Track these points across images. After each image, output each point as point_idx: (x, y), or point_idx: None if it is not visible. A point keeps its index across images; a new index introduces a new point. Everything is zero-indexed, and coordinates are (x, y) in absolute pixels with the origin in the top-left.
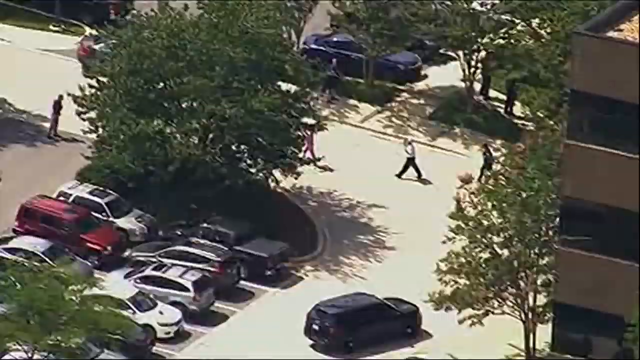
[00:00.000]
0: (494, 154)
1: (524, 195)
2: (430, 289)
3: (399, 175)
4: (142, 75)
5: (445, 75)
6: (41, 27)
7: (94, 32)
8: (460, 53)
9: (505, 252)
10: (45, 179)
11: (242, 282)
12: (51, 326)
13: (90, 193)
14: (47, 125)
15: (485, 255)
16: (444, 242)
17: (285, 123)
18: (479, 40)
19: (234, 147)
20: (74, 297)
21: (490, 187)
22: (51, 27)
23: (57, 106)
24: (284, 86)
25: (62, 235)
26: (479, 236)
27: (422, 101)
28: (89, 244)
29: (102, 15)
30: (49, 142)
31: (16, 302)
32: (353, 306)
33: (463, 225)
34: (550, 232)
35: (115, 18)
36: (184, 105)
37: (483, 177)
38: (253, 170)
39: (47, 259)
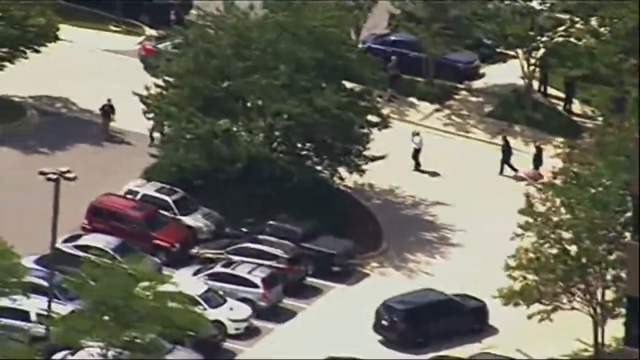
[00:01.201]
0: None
1: (592, 191)
2: (495, 285)
3: (416, 169)
4: (208, 74)
5: (502, 74)
6: (102, 27)
7: (154, 32)
8: (520, 51)
9: (574, 247)
10: (110, 177)
11: (309, 278)
12: (126, 322)
13: (158, 191)
14: (111, 124)
15: (554, 251)
16: (512, 239)
17: (351, 121)
18: (539, 38)
19: (299, 145)
20: (147, 293)
21: (558, 183)
22: (112, 27)
23: (108, 110)
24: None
25: (130, 233)
26: (547, 232)
27: (480, 99)
28: (156, 241)
29: (162, 16)
30: (113, 141)
31: (90, 299)
32: (422, 302)
33: (532, 221)
34: (619, 228)
35: (175, 18)
36: (249, 104)
37: (504, 169)
38: (319, 167)
39: (117, 256)
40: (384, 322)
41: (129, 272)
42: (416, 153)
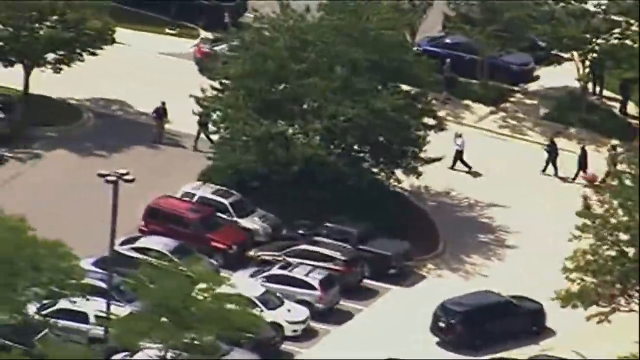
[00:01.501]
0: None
1: None
2: (552, 286)
3: (452, 167)
4: (264, 77)
5: (557, 76)
6: (157, 30)
7: (209, 34)
8: (575, 53)
9: (632, 249)
10: (166, 180)
11: (365, 280)
12: (184, 324)
13: (214, 193)
14: (166, 126)
15: (612, 253)
16: (570, 240)
17: (407, 123)
18: (594, 40)
19: (355, 147)
20: (206, 295)
21: (614, 185)
22: (167, 30)
23: (161, 113)
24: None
25: (187, 235)
26: (605, 234)
27: (535, 102)
28: (214, 243)
29: (217, 18)
30: (168, 143)
31: (149, 301)
32: (479, 304)
33: (590, 223)
34: None
35: (230, 21)
36: (306, 106)
37: (551, 170)
38: (375, 170)
39: (174, 258)
40: (441, 324)
41: (186, 274)
42: (459, 154)
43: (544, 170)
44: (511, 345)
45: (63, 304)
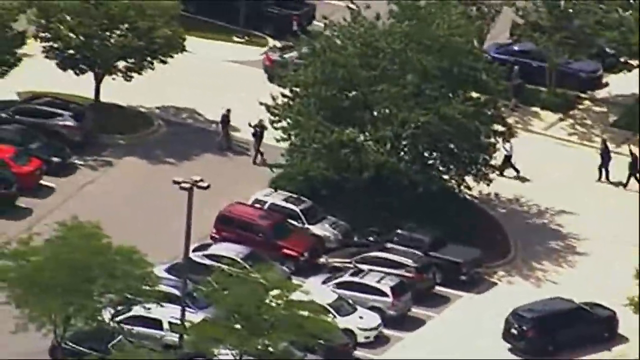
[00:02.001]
0: None
1: None
2: (624, 293)
3: (501, 174)
4: (335, 84)
5: (626, 83)
6: (226, 38)
7: (277, 43)
8: None
9: None
10: (235, 187)
11: (437, 287)
12: (258, 331)
13: (285, 200)
14: (235, 134)
15: None
16: None
17: (477, 130)
18: None
19: (426, 154)
20: (279, 302)
21: None
22: (235, 38)
23: (225, 120)
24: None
25: (258, 242)
26: None
27: (604, 109)
28: (285, 250)
29: (285, 26)
30: (236, 151)
31: (223, 307)
32: (551, 310)
33: None
34: None
35: (299, 28)
36: (376, 113)
37: (603, 175)
38: (445, 176)
39: (247, 265)
40: (513, 331)
41: (259, 280)
42: (507, 159)
43: (599, 179)
44: (583, 352)
45: (137, 310)
